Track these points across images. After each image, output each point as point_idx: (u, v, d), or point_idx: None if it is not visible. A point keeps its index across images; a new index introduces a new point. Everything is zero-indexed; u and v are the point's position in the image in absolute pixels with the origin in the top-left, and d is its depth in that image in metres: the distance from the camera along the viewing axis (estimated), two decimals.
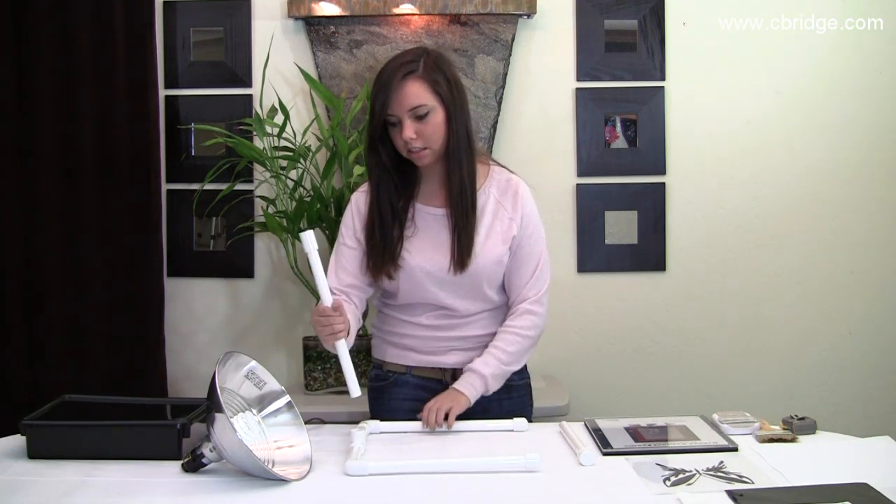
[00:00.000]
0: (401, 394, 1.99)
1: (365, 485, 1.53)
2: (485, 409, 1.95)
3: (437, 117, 1.85)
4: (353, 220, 1.97)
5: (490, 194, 1.95)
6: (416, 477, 1.55)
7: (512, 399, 2.00)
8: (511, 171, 2.01)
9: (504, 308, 2.00)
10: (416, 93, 1.83)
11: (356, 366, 1.84)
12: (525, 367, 2.06)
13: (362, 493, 1.50)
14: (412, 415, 1.91)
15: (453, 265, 1.89)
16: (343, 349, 1.78)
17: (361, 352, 2.62)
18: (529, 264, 1.95)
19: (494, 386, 1.91)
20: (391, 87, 1.82)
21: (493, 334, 1.97)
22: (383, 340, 2.03)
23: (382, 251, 1.90)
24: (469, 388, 1.87)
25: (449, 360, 1.96)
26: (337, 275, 1.95)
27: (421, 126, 1.84)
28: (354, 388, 1.78)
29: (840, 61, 2.94)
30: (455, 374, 1.96)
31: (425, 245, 1.92)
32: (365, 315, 2.69)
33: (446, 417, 1.80)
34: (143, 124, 2.81)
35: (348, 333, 1.81)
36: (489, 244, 1.91)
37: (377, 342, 2.05)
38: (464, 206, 1.88)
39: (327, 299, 1.77)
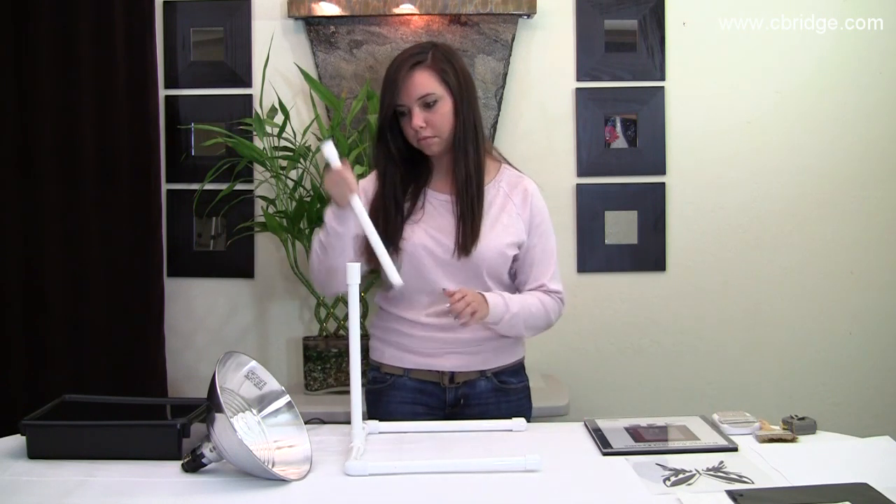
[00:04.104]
0: (398, 397, 1.98)
1: (365, 485, 1.53)
2: (482, 411, 1.95)
3: (446, 106, 1.88)
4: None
5: (500, 188, 1.97)
6: (416, 477, 1.55)
7: (510, 402, 1.99)
8: (521, 172, 2.03)
9: None
10: (424, 82, 1.87)
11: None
12: (523, 368, 2.06)
13: (362, 493, 1.50)
14: (412, 418, 1.92)
15: (457, 249, 1.89)
16: (360, 206, 1.76)
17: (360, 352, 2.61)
18: (548, 259, 1.97)
19: (507, 324, 1.88)
20: (400, 77, 1.87)
21: (492, 337, 1.96)
22: (381, 341, 2.02)
23: (384, 240, 1.88)
24: (494, 300, 1.84)
25: (447, 363, 1.96)
26: None
27: (429, 115, 1.87)
28: (394, 275, 1.76)
29: (840, 61, 2.94)
30: (453, 377, 1.96)
31: (430, 226, 1.94)
32: (365, 315, 2.70)
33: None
34: (143, 124, 2.81)
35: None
36: (493, 234, 1.92)
37: (375, 343, 2.04)
38: (469, 194, 1.90)
39: (335, 162, 1.77)
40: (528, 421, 1.94)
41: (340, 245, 1.86)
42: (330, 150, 1.79)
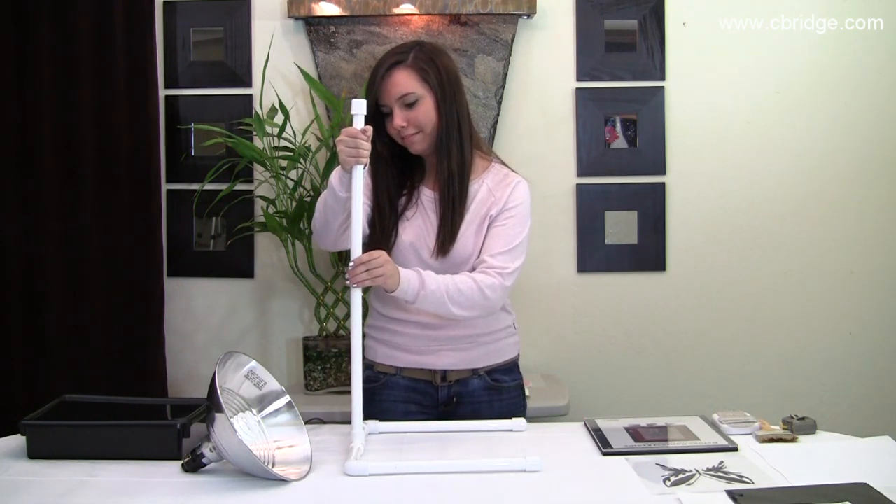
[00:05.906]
0: (391, 395, 1.98)
1: (365, 485, 1.53)
2: (475, 410, 1.96)
3: (427, 105, 1.89)
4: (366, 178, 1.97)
5: (484, 183, 1.95)
6: (416, 477, 1.56)
7: (503, 401, 1.99)
8: (514, 171, 2.00)
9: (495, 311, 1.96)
10: (404, 81, 1.88)
11: None
12: (517, 367, 2.05)
13: (362, 493, 1.50)
14: (405, 416, 1.92)
15: (436, 249, 1.90)
16: (359, 177, 1.75)
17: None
18: (503, 239, 1.89)
19: (424, 301, 1.80)
20: (379, 77, 1.89)
21: (484, 333, 1.96)
22: (375, 340, 2.03)
23: (380, 240, 1.93)
24: (407, 276, 1.78)
25: (440, 361, 1.96)
26: None
27: (411, 114, 1.88)
28: (357, 254, 1.74)
29: (840, 61, 2.94)
30: (445, 375, 1.96)
31: (420, 224, 1.94)
32: (365, 315, 2.70)
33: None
34: (143, 124, 2.81)
35: (365, 166, 1.78)
36: (471, 234, 1.91)
37: (369, 342, 2.04)
38: (451, 194, 1.90)
39: (358, 122, 1.77)
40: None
41: (341, 209, 1.85)
42: (358, 107, 1.78)
